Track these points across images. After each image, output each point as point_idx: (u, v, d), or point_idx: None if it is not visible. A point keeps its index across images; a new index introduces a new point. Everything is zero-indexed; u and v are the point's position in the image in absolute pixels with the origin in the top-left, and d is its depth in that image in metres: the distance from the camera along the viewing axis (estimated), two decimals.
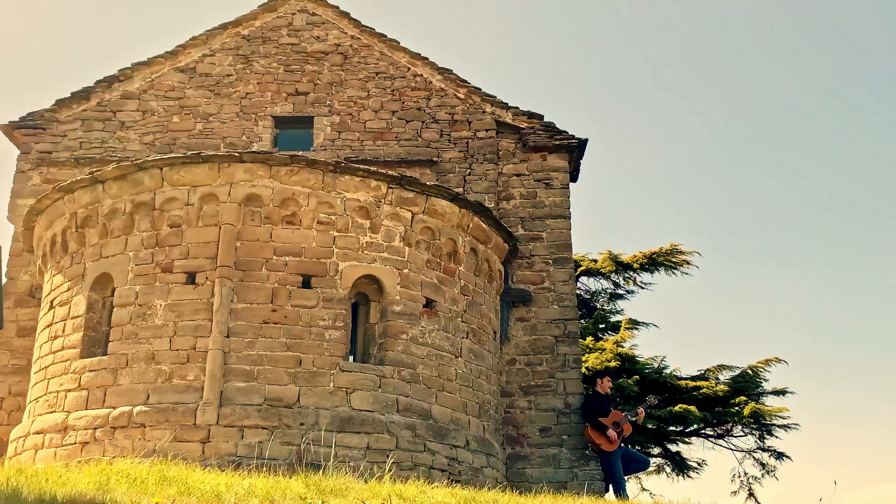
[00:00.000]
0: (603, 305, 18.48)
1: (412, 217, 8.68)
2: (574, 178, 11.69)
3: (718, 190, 40.80)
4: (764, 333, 35.87)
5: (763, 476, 14.97)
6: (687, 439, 15.29)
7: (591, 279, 18.42)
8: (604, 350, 14.74)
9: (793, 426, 14.26)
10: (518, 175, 10.94)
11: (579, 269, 17.63)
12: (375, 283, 8.40)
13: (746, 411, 14.06)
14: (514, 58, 39.88)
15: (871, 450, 34.72)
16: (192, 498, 3.51)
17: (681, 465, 15.47)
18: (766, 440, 14.71)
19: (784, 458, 14.76)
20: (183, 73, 11.47)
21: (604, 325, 17.17)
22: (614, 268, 17.27)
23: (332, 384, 7.79)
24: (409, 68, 11.46)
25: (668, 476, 15.73)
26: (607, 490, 9.45)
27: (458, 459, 8.30)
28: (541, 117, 11.18)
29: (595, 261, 17.57)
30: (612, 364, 14.16)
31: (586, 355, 14.57)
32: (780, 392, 14.75)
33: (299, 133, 11.19)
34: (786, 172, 39.96)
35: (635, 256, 17.09)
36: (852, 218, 39.07)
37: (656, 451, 15.59)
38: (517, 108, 11.21)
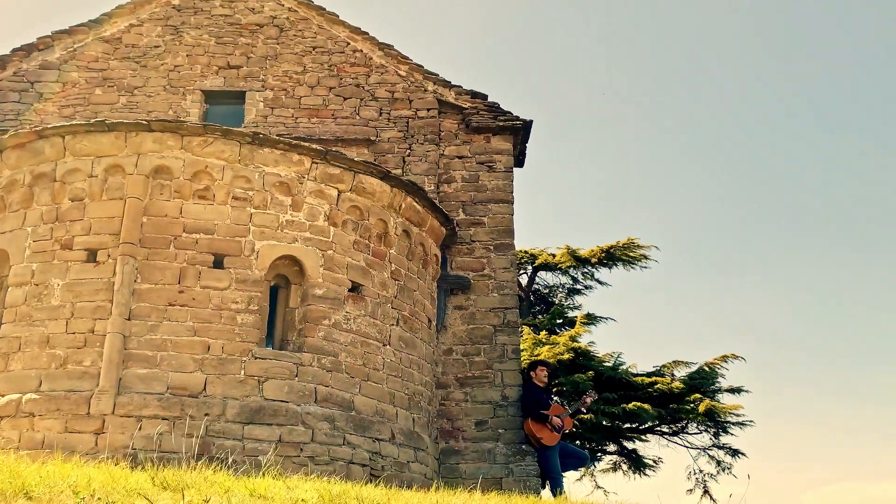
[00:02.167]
0: (561, 300, 18.19)
1: (338, 195, 8.13)
2: (520, 163, 11.20)
3: (671, 182, 40.71)
4: (723, 330, 35.82)
5: (718, 473, 14.70)
6: (643, 436, 14.94)
7: (550, 274, 18.14)
8: (557, 344, 14.31)
9: (748, 423, 14.00)
10: (460, 157, 10.39)
11: (536, 261, 17.31)
12: (296, 264, 7.83)
13: (701, 408, 13.74)
14: (458, 36, 39.34)
15: (831, 449, 34.81)
16: None
17: (637, 463, 15.13)
18: (720, 437, 14.42)
19: (739, 454, 14.50)
20: (107, 43, 10.77)
21: (561, 321, 16.85)
22: (572, 263, 17.04)
23: (242, 372, 7.21)
24: (348, 43, 10.85)
25: (624, 474, 15.40)
26: (544, 486, 8.99)
27: (382, 454, 7.77)
28: (485, 97, 10.64)
29: (553, 255, 17.32)
30: (566, 357, 13.76)
31: (539, 349, 14.14)
32: (735, 390, 14.45)
33: (230, 108, 10.54)
34: (744, 165, 39.99)
35: (593, 251, 16.87)
36: (812, 216, 39.20)
37: (612, 448, 15.24)
38: (460, 86, 10.66)
